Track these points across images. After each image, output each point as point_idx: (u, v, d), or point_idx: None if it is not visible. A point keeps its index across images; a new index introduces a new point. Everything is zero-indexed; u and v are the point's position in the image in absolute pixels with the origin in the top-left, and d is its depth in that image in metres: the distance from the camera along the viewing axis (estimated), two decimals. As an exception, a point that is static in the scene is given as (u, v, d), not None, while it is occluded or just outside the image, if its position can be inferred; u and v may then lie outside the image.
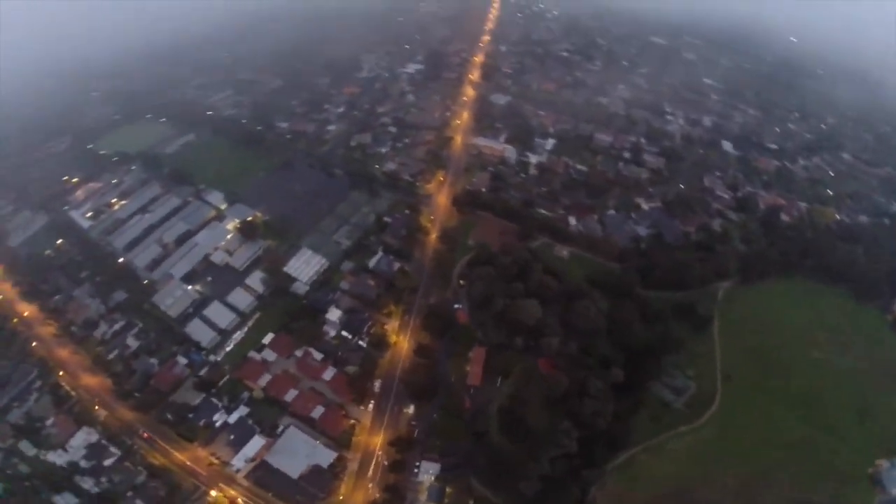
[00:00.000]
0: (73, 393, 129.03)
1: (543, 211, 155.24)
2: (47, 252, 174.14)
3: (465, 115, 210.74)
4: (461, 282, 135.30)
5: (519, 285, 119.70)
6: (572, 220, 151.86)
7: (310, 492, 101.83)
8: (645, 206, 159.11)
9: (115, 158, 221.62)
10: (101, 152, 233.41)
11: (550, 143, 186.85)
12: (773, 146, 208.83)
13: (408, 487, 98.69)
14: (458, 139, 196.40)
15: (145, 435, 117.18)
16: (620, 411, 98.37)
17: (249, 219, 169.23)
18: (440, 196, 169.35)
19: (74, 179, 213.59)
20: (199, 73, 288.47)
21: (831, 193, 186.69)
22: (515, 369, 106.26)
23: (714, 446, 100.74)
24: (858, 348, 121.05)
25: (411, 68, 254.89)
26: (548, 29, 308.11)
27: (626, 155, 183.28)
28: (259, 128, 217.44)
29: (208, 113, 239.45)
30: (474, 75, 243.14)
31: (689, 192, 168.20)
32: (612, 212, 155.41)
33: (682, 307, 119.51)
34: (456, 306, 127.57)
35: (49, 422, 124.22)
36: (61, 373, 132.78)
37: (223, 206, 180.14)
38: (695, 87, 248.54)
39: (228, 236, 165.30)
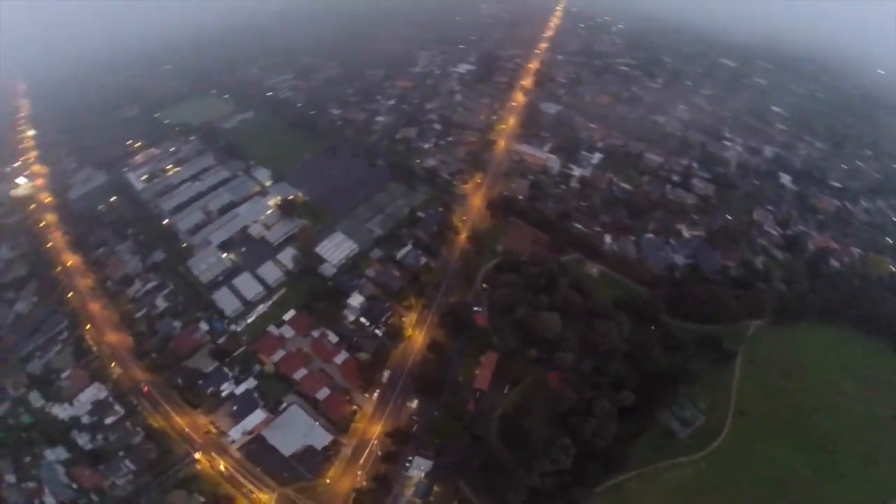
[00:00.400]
0: (94, 348, 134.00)
1: (579, 226, 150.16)
2: (100, 207, 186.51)
3: (512, 120, 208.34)
4: (484, 285, 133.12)
5: (543, 297, 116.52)
6: (608, 239, 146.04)
7: (298, 471, 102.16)
8: (686, 233, 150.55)
9: (177, 128, 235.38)
10: (166, 122, 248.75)
11: (597, 157, 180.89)
12: (837, 184, 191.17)
13: (396, 480, 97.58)
14: (502, 143, 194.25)
15: (145, 389, 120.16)
16: (622, 434, 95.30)
17: (291, 197, 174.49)
18: (476, 198, 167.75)
19: (137, 144, 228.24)
20: (264, 56, 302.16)
21: (890, 242, 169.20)
22: (525, 379, 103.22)
23: (709, 481, 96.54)
24: (885, 399, 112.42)
25: (463, 68, 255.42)
26: (611, 42, 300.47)
27: (675, 178, 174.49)
28: (312, 112, 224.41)
29: (268, 94, 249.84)
30: (526, 81, 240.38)
31: (736, 223, 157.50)
32: (650, 235, 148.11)
33: (708, 339, 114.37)
34: (476, 309, 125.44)
35: (65, 374, 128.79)
36: (88, 326, 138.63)
37: (268, 183, 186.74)
38: (760, 114, 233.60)
39: (268, 211, 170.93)
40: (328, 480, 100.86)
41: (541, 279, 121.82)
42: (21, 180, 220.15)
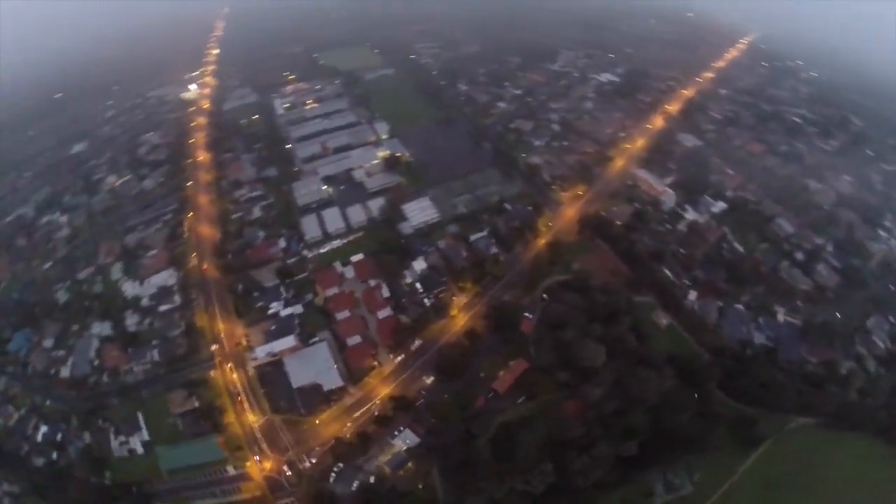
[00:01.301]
0: (185, 234, 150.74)
1: (668, 272, 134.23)
2: (242, 121, 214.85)
3: (641, 142, 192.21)
4: (545, 295, 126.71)
5: (597, 327, 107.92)
6: (692, 295, 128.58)
7: (296, 404, 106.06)
8: (781, 317, 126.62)
9: (327, 70, 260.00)
10: (320, 62, 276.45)
11: (719, 206, 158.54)
12: None
13: (378, 443, 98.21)
14: (619, 163, 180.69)
15: (205, 267, 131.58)
16: (603, 481, 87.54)
17: (398, 154, 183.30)
18: (570, 208, 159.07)
19: (290, 76, 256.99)
20: (419, 21, 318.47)
21: None
22: (543, 397, 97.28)
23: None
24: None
25: (605, 77, 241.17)
26: (792, 88, 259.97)
27: (799, 256, 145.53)
28: (443, 83, 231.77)
29: (411, 56, 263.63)
30: (673, 107, 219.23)
31: (843, 325, 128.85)
32: (740, 307, 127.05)
33: (744, 419, 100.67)
34: (526, 314, 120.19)
35: (150, 253, 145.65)
36: (190, 214, 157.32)
37: (383, 136, 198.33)
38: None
39: (375, 161, 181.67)
40: (317, 421, 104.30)
41: (603, 310, 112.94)
42: (192, 87, 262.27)
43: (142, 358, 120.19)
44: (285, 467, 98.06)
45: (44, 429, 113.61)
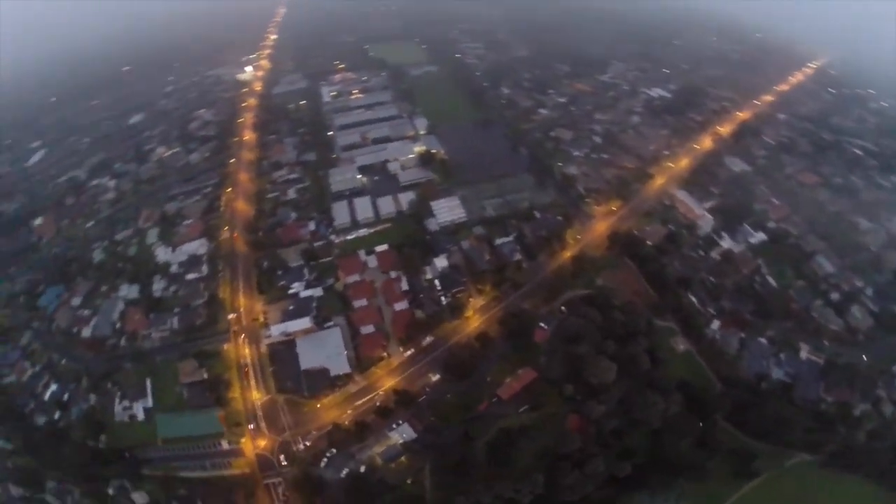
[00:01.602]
0: (222, 208, 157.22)
1: (694, 299, 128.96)
2: (290, 105, 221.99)
3: (684, 162, 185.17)
4: (563, 308, 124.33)
5: (612, 345, 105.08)
6: (715, 325, 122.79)
7: (301, 385, 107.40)
8: (805, 354, 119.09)
9: (375, 62, 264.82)
10: (370, 54, 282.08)
11: (759, 237, 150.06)
12: None
13: (375, 434, 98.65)
14: (659, 181, 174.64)
15: (235, 235, 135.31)
16: (591, 496, 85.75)
17: (434, 151, 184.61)
18: (602, 223, 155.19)
19: (341, 66, 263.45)
20: (468, 20, 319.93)
21: None
22: (546, 408, 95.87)
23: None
24: None
25: (655, 92, 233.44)
26: (858, 118, 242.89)
27: (834, 296, 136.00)
28: (485, 84, 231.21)
29: (456, 55, 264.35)
30: (725, 129, 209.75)
31: (868, 368, 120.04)
32: (763, 340, 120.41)
33: (743, 452, 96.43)
34: (541, 325, 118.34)
35: (187, 222, 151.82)
36: (229, 189, 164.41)
37: (421, 132, 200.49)
38: None
39: (410, 156, 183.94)
40: (319, 405, 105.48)
41: (621, 329, 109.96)
42: (248, 69, 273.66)
43: (162, 324, 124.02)
44: (278, 447, 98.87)
45: (53, 387, 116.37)
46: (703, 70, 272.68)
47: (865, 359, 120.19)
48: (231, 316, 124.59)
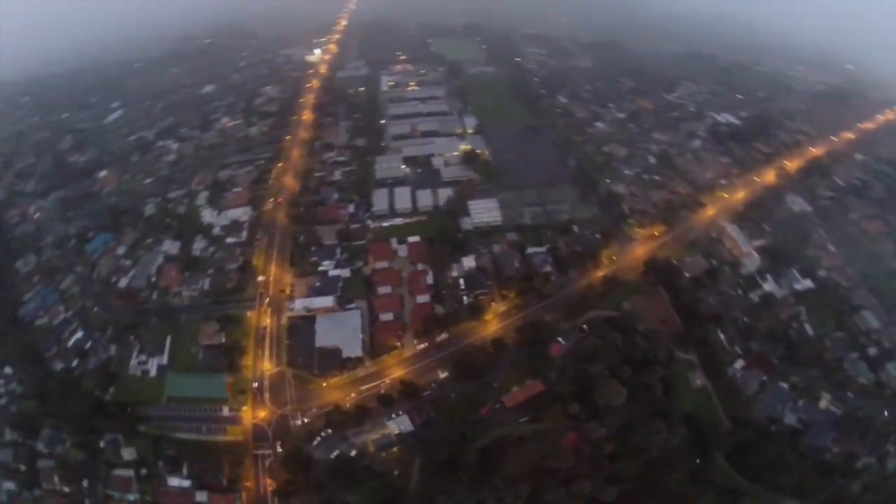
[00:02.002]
0: (271, 181, 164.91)
1: (722, 336, 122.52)
2: (350, 90, 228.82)
3: (741, 194, 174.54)
4: (584, 326, 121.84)
5: (627, 370, 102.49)
6: (738, 364, 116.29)
7: (311, 363, 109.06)
8: (824, 403, 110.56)
9: (435, 57, 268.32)
10: (431, 48, 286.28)
11: (806, 284, 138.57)
12: None
13: (373, 420, 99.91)
14: (710, 212, 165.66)
15: (280, 199, 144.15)
16: None
17: (478, 151, 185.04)
18: (640, 246, 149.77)
19: (402, 57, 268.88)
20: (533, 24, 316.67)
21: None
22: (546, 422, 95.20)
23: None
24: None
25: (724, 118, 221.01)
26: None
27: (872, 351, 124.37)
28: (542, 91, 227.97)
29: (516, 59, 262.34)
30: (792, 164, 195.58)
31: (887, 422, 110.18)
32: (784, 385, 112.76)
33: (730, 490, 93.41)
34: (559, 339, 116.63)
35: (236, 189, 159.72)
36: (280, 164, 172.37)
37: (469, 131, 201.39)
38: None
39: (455, 153, 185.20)
40: (325, 384, 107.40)
41: (640, 355, 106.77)
42: (316, 51, 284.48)
43: (194, 284, 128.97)
44: (276, 420, 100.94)
45: (78, 335, 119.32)
46: (782, 99, 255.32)
47: (886, 414, 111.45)
48: (260, 278, 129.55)
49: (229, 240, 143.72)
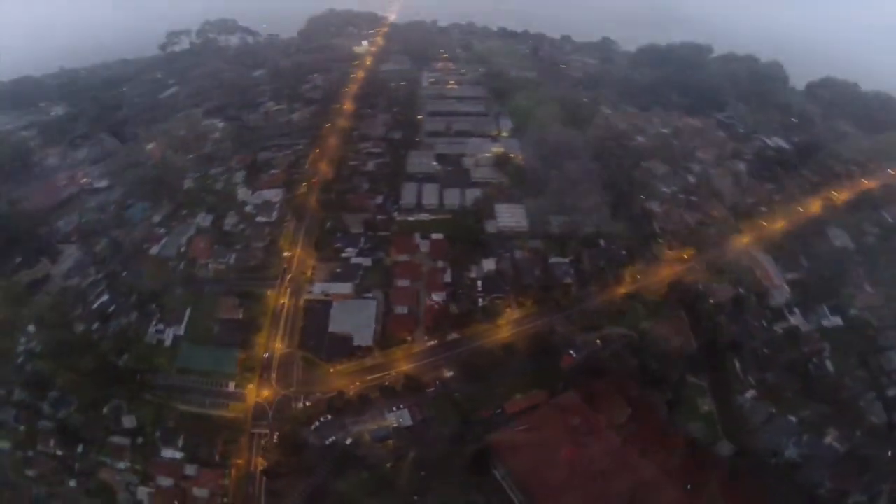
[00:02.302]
0: (306, 166, 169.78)
1: (737, 364, 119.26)
2: (392, 84, 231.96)
3: (780, 223, 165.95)
4: (600, 342, 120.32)
5: (634, 388, 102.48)
6: (749, 394, 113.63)
7: (321, 348, 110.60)
8: (829, 439, 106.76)
9: (477, 57, 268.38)
10: (474, 49, 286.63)
11: (835, 321, 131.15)
12: None
13: (373, 411, 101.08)
14: (745, 238, 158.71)
15: (314, 181, 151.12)
16: None
17: (511, 154, 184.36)
18: (667, 268, 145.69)
19: (445, 55, 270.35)
20: (586, 34, 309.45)
21: None
22: (546, 434, 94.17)
23: None
24: None
25: (773, 141, 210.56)
26: None
27: (892, 392, 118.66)
28: (585, 99, 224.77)
29: (561, 65, 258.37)
30: (840, 195, 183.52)
31: (888, 462, 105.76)
32: (792, 419, 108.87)
33: None
34: (570, 352, 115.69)
35: (273, 171, 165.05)
36: (317, 150, 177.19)
37: (504, 134, 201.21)
38: None
39: (487, 154, 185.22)
40: (332, 370, 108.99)
41: (649, 376, 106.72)
42: (365, 43, 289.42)
43: (221, 257, 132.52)
44: (279, 400, 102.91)
45: (104, 298, 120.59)
46: (840, 125, 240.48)
47: (890, 454, 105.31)
48: (285, 254, 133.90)
49: (260, 218, 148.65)
